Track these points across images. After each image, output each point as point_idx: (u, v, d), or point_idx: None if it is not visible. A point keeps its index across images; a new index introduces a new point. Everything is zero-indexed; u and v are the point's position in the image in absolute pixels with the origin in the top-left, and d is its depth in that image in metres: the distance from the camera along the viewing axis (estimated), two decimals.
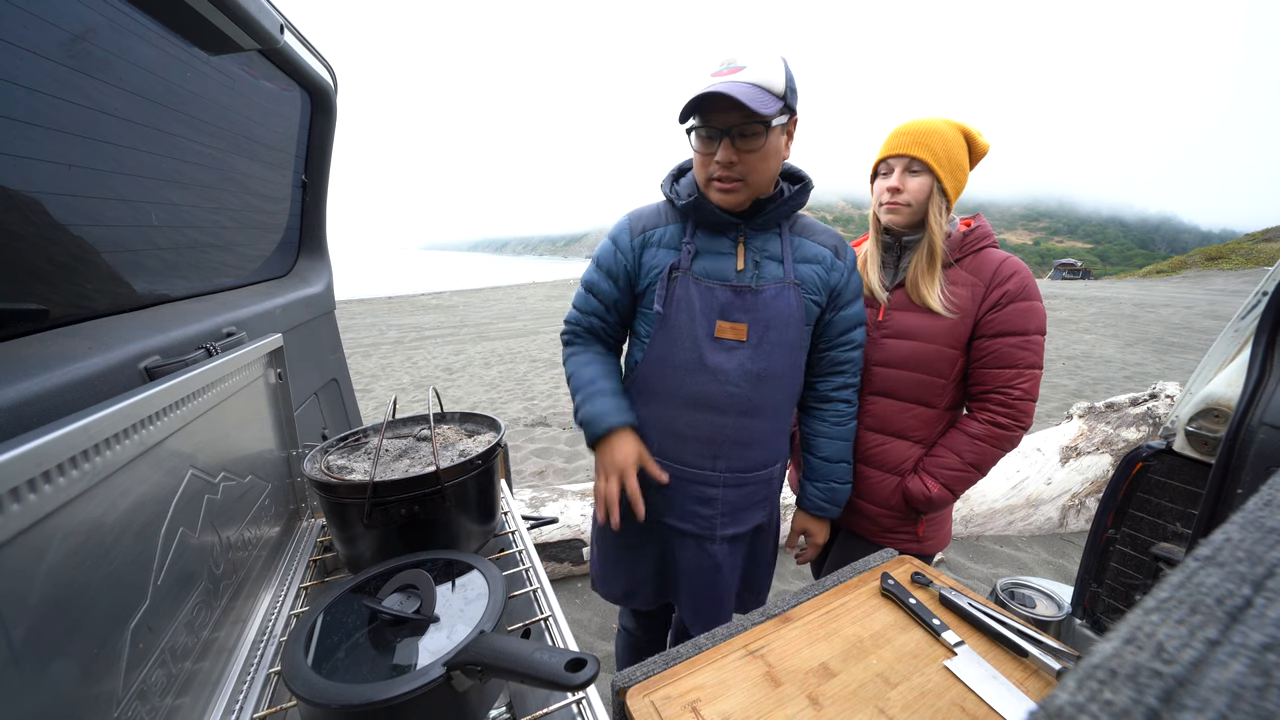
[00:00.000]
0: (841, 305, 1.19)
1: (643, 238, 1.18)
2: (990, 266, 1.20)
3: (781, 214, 1.14)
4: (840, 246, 1.20)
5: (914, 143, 1.18)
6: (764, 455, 1.21)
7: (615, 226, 1.23)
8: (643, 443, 1.19)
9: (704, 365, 1.12)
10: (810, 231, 1.19)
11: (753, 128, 0.99)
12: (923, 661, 0.78)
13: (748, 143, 1.01)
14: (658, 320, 1.15)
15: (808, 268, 1.15)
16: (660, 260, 1.15)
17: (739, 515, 1.22)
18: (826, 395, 1.25)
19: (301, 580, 0.99)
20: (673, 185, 1.20)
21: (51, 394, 0.63)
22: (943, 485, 1.23)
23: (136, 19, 0.85)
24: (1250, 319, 1.33)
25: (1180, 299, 15.65)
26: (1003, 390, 1.18)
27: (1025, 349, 1.17)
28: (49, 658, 0.44)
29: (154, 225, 0.98)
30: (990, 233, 1.27)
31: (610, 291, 1.21)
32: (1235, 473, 1.13)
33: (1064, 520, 3.08)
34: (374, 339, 10.72)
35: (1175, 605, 0.17)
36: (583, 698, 0.73)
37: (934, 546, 1.37)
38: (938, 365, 1.22)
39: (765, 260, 1.13)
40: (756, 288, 1.11)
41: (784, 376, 1.17)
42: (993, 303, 1.18)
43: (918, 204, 1.21)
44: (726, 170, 1.03)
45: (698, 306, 1.12)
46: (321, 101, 1.46)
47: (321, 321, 1.65)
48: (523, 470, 4.15)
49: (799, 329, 1.15)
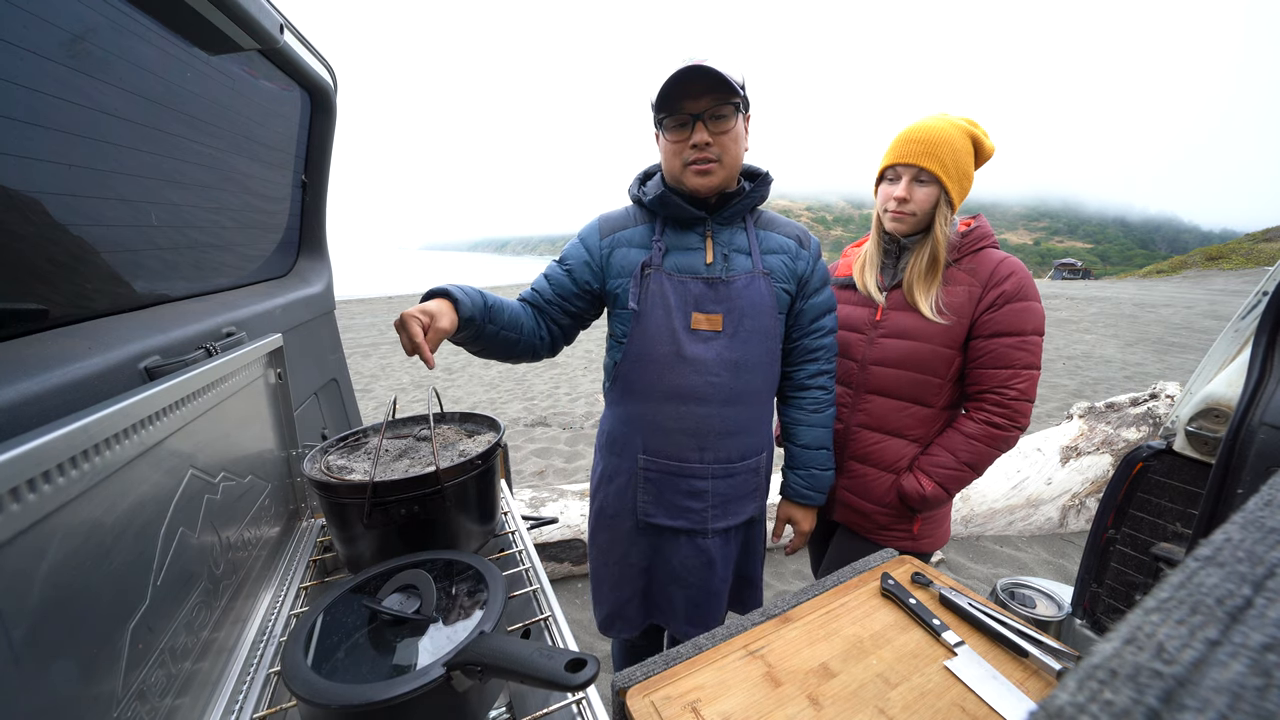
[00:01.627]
0: (810, 293, 1.23)
1: (612, 239, 1.20)
2: (988, 267, 1.21)
3: (745, 207, 1.18)
4: (803, 236, 1.24)
5: (923, 153, 1.18)
6: (748, 444, 1.23)
7: (584, 228, 1.27)
8: (632, 443, 1.22)
9: (683, 357, 1.14)
10: (773, 225, 1.23)
11: (723, 109, 1.04)
12: (923, 661, 0.78)
13: (720, 124, 1.05)
14: (633, 318, 1.17)
15: (774, 258, 1.19)
16: (631, 260, 1.18)
17: (730, 507, 1.23)
18: (803, 383, 1.28)
19: (301, 580, 0.99)
20: (640, 187, 1.23)
21: (51, 394, 0.63)
22: (937, 484, 1.23)
23: (136, 19, 0.85)
24: (1250, 319, 1.33)
25: (1180, 299, 15.65)
26: (999, 390, 1.19)
27: (1022, 349, 1.17)
28: (49, 658, 0.44)
29: (154, 225, 0.98)
30: (989, 233, 1.27)
31: (563, 281, 1.22)
32: (1235, 473, 1.13)
33: (1064, 520, 3.08)
34: (374, 339, 10.71)
35: (1175, 605, 0.17)
36: (583, 698, 0.73)
37: (931, 545, 1.37)
38: (934, 365, 1.23)
39: (733, 253, 1.16)
40: (728, 279, 1.14)
41: (761, 364, 1.19)
42: (989, 303, 1.19)
43: (923, 214, 1.22)
44: (703, 152, 1.06)
45: (672, 300, 1.14)
46: (321, 101, 1.46)
47: (321, 321, 1.65)
48: (523, 470, 4.15)
49: (772, 317, 1.18)
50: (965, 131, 1.21)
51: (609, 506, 1.29)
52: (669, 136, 1.09)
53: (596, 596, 1.37)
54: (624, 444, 1.25)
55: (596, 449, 1.37)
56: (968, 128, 1.22)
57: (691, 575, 1.25)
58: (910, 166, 1.20)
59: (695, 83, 1.01)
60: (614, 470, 1.28)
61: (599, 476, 1.33)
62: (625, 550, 1.29)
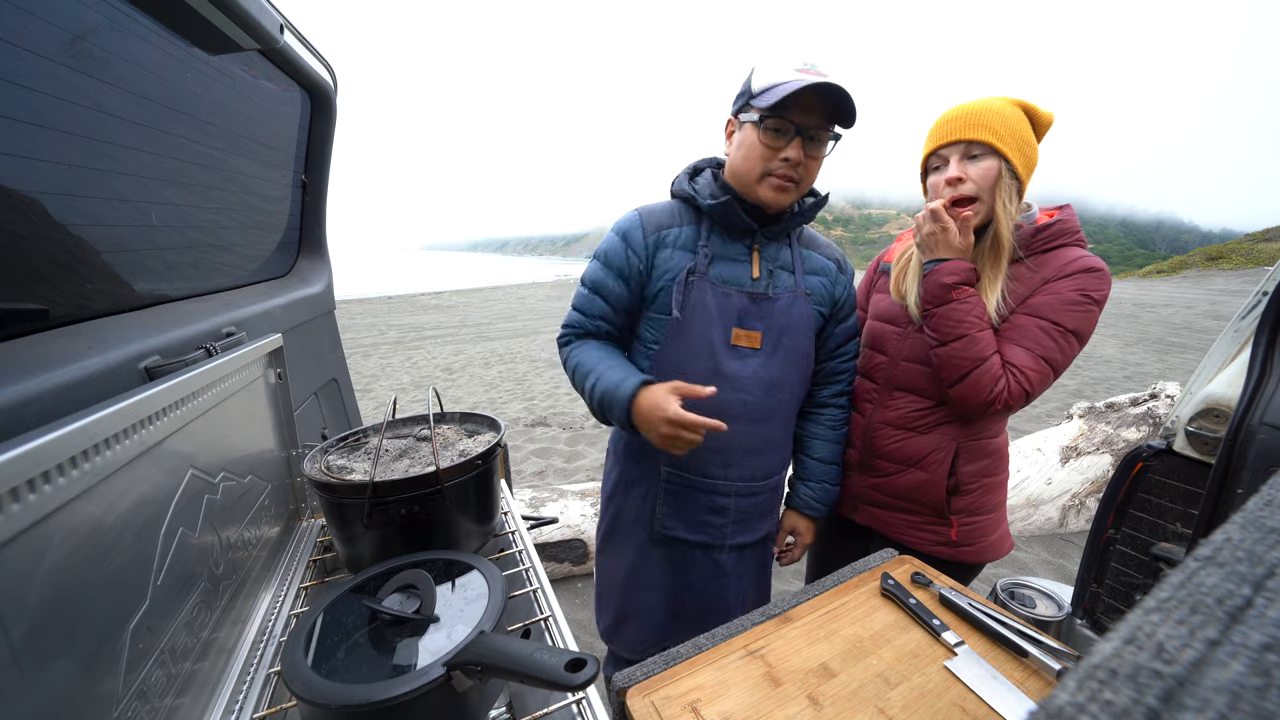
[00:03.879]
0: (841, 318, 1.21)
1: (657, 236, 1.11)
2: (1058, 262, 1.04)
3: (794, 225, 1.14)
4: (842, 261, 1.22)
5: (968, 125, 1.02)
6: (773, 462, 1.21)
7: (623, 222, 1.15)
8: (654, 452, 1.17)
9: (719, 373, 1.09)
10: (815, 244, 1.20)
11: (826, 134, 1.00)
12: (923, 661, 0.78)
13: (815, 147, 1.01)
14: (673, 326, 1.10)
15: (815, 279, 1.16)
16: (676, 263, 1.10)
17: (749, 524, 1.22)
18: (824, 401, 1.27)
19: (301, 580, 0.99)
20: (690, 183, 1.14)
21: (51, 394, 0.63)
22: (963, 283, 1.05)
23: (136, 19, 0.85)
24: (1250, 319, 1.33)
25: (1180, 299, 15.65)
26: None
27: (1049, 335, 1.02)
28: (49, 658, 0.44)
29: (154, 225, 0.98)
30: (1073, 229, 1.07)
31: (620, 293, 1.13)
32: (1235, 473, 1.13)
33: (1064, 520, 3.08)
34: (374, 339, 10.71)
35: (1175, 605, 0.17)
36: (583, 698, 0.73)
37: (975, 555, 1.21)
38: None
39: (778, 270, 1.13)
40: (773, 295, 1.11)
41: (793, 384, 1.17)
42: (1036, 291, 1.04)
43: (987, 196, 1.03)
44: (791, 170, 1.01)
45: (715, 313, 1.09)
46: (321, 101, 1.46)
47: (321, 321, 1.65)
48: (523, 470, 4.15)
49: (808, 337, 1.16)
50: (1012, 102, 1.05)
51: (626, 513, 1.26)
52: (765, 139, 1.00)
53: (602, 603, 1.33)
54: (646, 452, 1.20)
55: (611, 451, 1.32)
56: (1013, 99, 1.06)
57: (708, 588, 1.23)
58: (956, 144, 1.04)
59: (816, 98, 0.95)
60: (633, 477, 1.24)
61: (615, 481, 1.28)
62: (636, 561, 1.25)
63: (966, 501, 1.20)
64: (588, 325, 1.16)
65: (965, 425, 1.17)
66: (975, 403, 1.06)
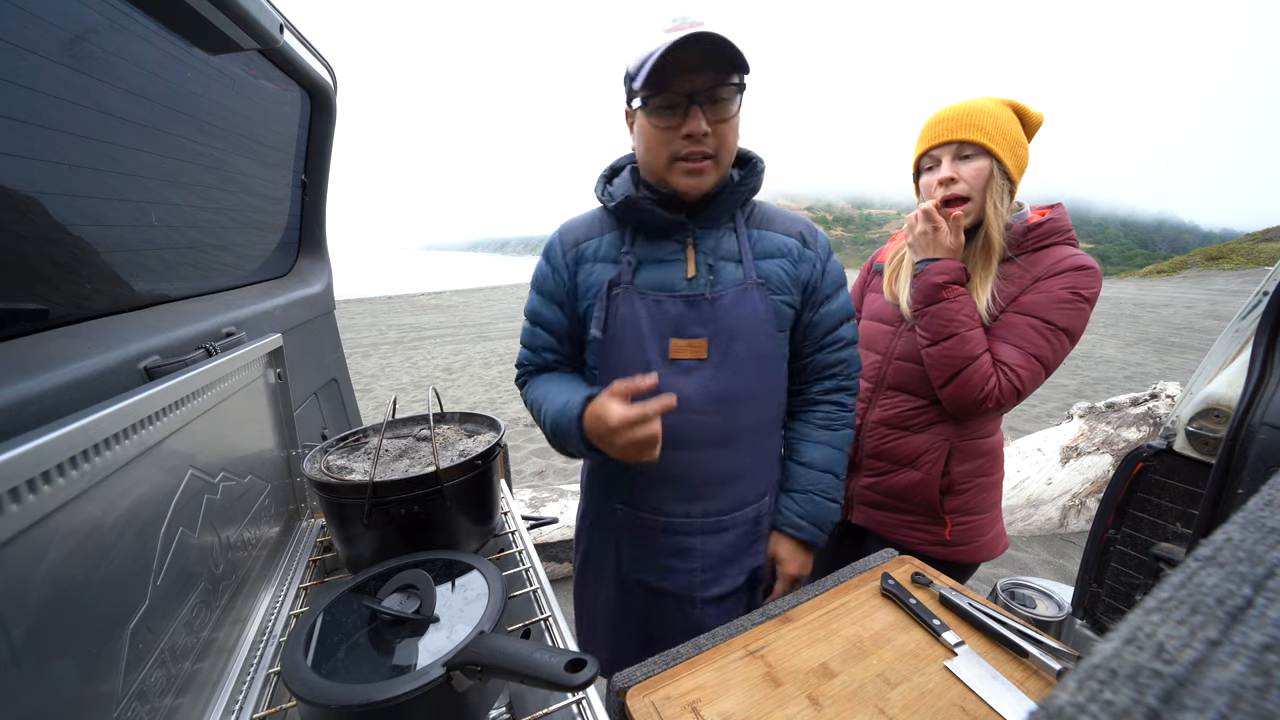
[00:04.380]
0: (820, 301, 1.01)
1: (576, 252, 1.00)
2: (1048, 261, 1.04)
3: (733, 203, 0.96)
4: (807, 232, 1.01)
5: (960, 125, 1.03)
6: (747, 491, 1.03)
7: (546, 242, 1.06)
8: (609, 487, 1.06)
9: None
10: (771, 221, 1.01)
11: (725, 90, 0.84)
12: (923, 662, 0.78)
13: (720, 110, 0.85)
14: (598, 348, 0.98)
15: (771, 263, 0.97)
16: (598, 276, 0.97)
17: (724, 570, 1.04)
18: (813, 398, 1.08)
19: (301, 580, 0.99)
20: (605, 188, 1.02)
21: (51, 394, 0.63)
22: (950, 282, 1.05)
23: (136, 19, 0.85)
24: (1251, 319, 1.33)
25: (1180, 299, 15.64)
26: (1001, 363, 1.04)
27: (1038, 333, 1.02)
28: (49, 658, 0.44)
29: (154, 225, 0.98)
30: (1064, 227, 1.07)
31: (558, 320, 1.04)
32: (1236, 473, 1.13)
33: (1064, 520, 3.08)
34: (374, 339, 10.71)
35: (1176, 605, 0.17)
36: (583, 698, 0.73)
37: (968, 555, 1.21)
38: None
39: (720, 262, 0.96)
40: (712, 295, 0.94)
41: (757, 395, 0.99)
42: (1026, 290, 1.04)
43: (978, 195, 1.04)
44: (698, 145, 0.85)
45: (645, 325, 0.94)
46: (321, 101, 1.46)
47: (321, 321, 1.65)
48: (523, 470, 4.15)
49: (769, 337, 0.97)
50: (1002, 102, 1.06)
51: (594, 555, 1.15)
52: (655, 121, 0.86)
53: (590, 640, 1.21)
54: (602, 486, 1.10)
55: (581, 483, 1.21)
56: (1003, 99, 1.07)
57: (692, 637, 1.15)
58: (948, 145, 1.05)
59: (696, 54, 0.79)
60: (595, 514, 1.14)
61: (580, 514, 1.20)
62: (617, 599, 1.13)
63: (960, 501, 1.20)
64: (536, 360, 1.09)
65: (959, 425, 1.17)
66: (966, 401, 1.06)
